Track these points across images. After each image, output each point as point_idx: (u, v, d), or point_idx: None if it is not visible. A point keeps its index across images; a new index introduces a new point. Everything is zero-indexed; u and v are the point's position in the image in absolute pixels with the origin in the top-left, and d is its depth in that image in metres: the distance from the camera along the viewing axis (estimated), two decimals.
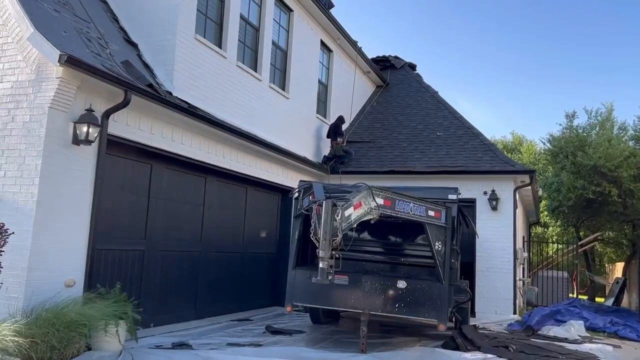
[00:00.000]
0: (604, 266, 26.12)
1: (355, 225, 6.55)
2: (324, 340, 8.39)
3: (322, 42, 13.95)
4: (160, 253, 8.51)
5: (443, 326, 7.57)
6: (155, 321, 8.19)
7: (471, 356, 7.45)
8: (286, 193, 11.52)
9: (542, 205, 21.43)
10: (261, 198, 11.51)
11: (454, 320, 9.21)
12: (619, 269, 19.94)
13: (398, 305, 7.64)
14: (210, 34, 9.64)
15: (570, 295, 16.90)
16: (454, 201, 8.56)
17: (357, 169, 13.40)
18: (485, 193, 12.38)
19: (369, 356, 7.23)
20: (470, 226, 10.46)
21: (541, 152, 25.42)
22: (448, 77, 65.89)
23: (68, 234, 6.52)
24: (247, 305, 10.80)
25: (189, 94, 8.79)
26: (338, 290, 7.77)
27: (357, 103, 16.16)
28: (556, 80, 61.76)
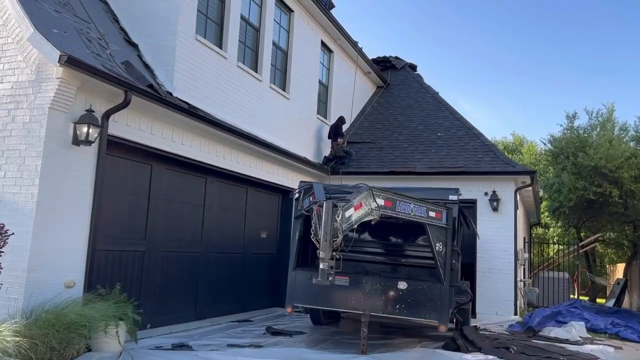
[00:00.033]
0: (605, 267, 26.09)
1: (355, 226, 6.54)
2: (325, 341, 8.38)
3: (323, 43, 13.95)
4: (160, 254, 8.50)
5: (444, 327, 7.57)
6: (155, 322, 8.18)
7: (472, 357, 7.44)
8: (287, 194, 11.51)
9: (543, 206, 21.42)
10: (261, 199, 11.50)
11: (455, 321, 9.19)
12: (620, 270, 19.91)
13: (399, 306, 7.63)
14: (210, 35, 9.63)
15: (571, 296, 16.87)
16: (455, 202, 8.54)
17: (358, 170, 13.38)
18: (486, 194, 12.36)
19: (370, 357, 7.22)
20: (471, 227, 10.44)
21: (542, 153, 25.41)
22: (448, 78, 65.97)
23: (68, 235, 6.51)
24: (248, 306, 10.79)
25: (190, 95, 8.78)
26: (338, 291, 7.75)
27: (358, 104, 16.15)
28: (557, 80, 61.82)
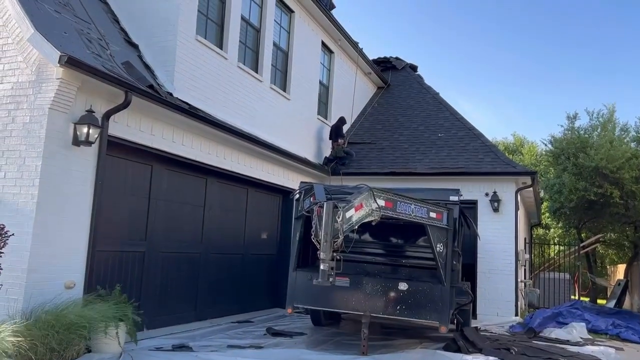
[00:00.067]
0: (606, 268, 26.07)
1: (356, 227, 6.52)
2: (325, 342, 8.37)
3: (323, 43, 13.94)
4: (160, 254, 8.48)
5: (444, 328, 7.55)
6: (155, 323, 8.17)
7: (473, 358, 7.43)
8: (287, 194, 11.49)
9: (544, 206, 21.40)
10: (262, 199, 11.48)
11: (456, 322, 9.17)
12: (621, 271, 19.90)
13: (399, 307, 7.61)
14: (211, 35, 9.62)
15: (571, 297, 16.85)
16: (456, 203, 8.52)
17: (358, 171, 13.37)
18: (486, 195, 12.35)
19: (370, 358, 7.21)
20: (471, 228, 10.43)
21: (543, 154, 25.41)
22: (448, 78, 65.95)
23: (68, 236, 6.50)
24: (248, 306, 10.77)
25: (190, 95, 8.77)
26: (339, 292, 7.74)
27: (358, 104, 16.14)
28: (557, 81, 61.78)
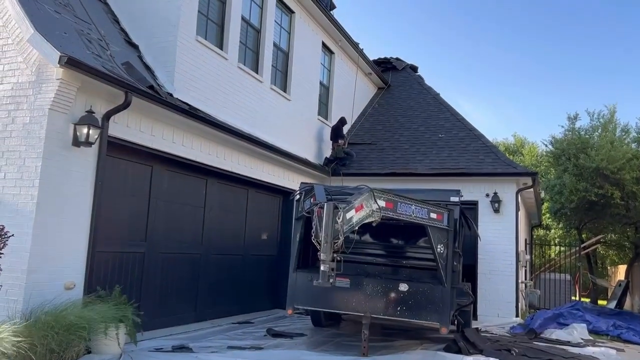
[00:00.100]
0: (606, 269, 26.05)
1: (356, 227, 6.51)
2: (326, 343, 8.35)
3: (324, 44, 13.93)
4: (160, 255, 8.47)
5: (445, 329, 7.54)
6: (155, 324, 8.14)
7: (473, 359, 7.41)
8: (287, 195, 11.49)
9: (544, 207, 21.37)
10: (262, 200, 11.47)
11: (456, 323, 9.15)
12: (622, 272, 19.87)
13: (400, 308, 7.59)
14: (211, 36, 9.61)
15: (572, 298, 16.83)
16: (456, 203, 8.51)
17: (359, 171, 13.36)
18: (487, 195, 12.32)
19: (371, 359, 7.19)
20: (472, 228, 10.41)
21: (543, 154, 25.37)
22: (449, 78, 65.98)
23: (68, 236, 6.49)
24: (248, 307, 10.76)
25: (190, 96, 8.76)
26: (339, 293, 7.72)
27: (359, 105, 16.13)
28: (557, 82, 61.81)
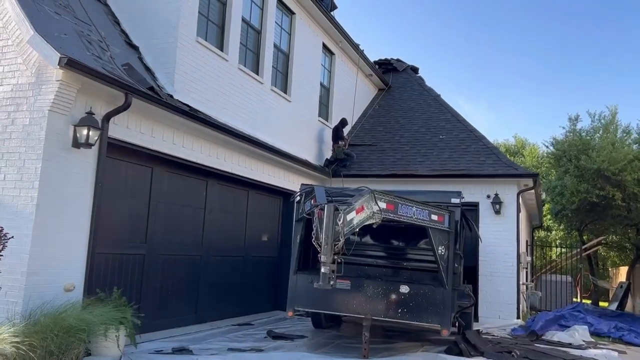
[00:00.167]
0: (608, 270, 26.01)
1: (357, 229, 6.48)
2: (326, 345, 8.33)
3: (324, 45, 13.92)
4: (160, 257, 8.45)
5: (446, 331, 7.51)
6: (155, 326, 8.13)
7: None
8: (288, 196, 11.46)
9: (545, 208, 21.34)
10: (263, 201, 11.45)
11: (457, 325, 9.12)
12: (623, 273, 19.84)
13: (401, 310, 7.57)
14: (211, 37, 9.60)
15: (573, 299, 16.80)
16: (457, 205, 8.48)
17: (359, 173, 13.33)
18: (488, 197, 12.29)
19: None
20: (473, 230, 10.38)
21: (544, 156, 25.34)
22: (449, 79, 65.98)
23: (68, 238, 6.47)
24: (248, 309, 10.74)
25: (190, 97, 8.75)
26: (340, 295, 7.70)
27: (359, 106, 16.11)
28: (557, 84, 61.78)
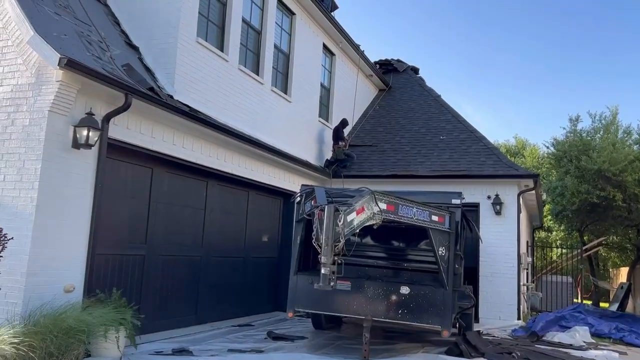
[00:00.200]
0: (608, 271, 25.98)
1: (357, 230, 6.47)
2: (326, 346, 8.31)
3: (325, 46, 13.91)
4: (160, 258, 8.44)
5: (447, 332, 7.49)
6: (155, 326, 8.11)
7: None
8: (288, 197, 11.45)
9: (546, 209, 21.33)
10: (263, 202, 11.44)
11: (458, 326, 9.11)
12: (623, 274, 19.81)
13: (401, 311, 7.55)
14: (212, 37, 9.59)
15: (574, 300, 16.78)
16: (458, 206, 8.46)
17: (360, 173, 13.31)
18: (489, 197, 12.28)
19: None
20: (473, 231, 10.37)
21: (545, 156, 25.33)
22: (449, 79, 65.90)
23: (68, 239, 6.46)
24: (249, 310, 10.72)
25: (190, 98, 8.74)
26: (340, 296, 7.68)
27: (360, 106, 16.10)
28: (558, 84, 61.73)
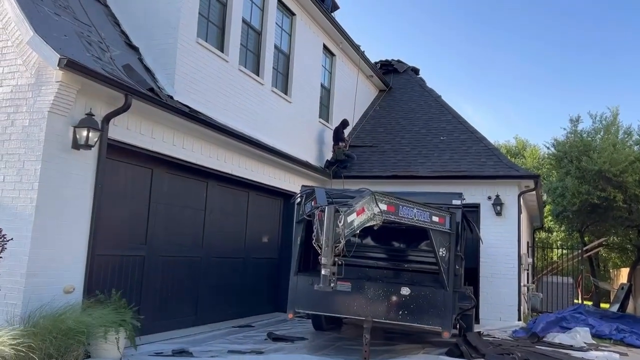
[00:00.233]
0: (609, 271, 25.96)
1: (358, 231, 6.46)
2: (327, 347, 8.30)
3: (325, 46, 13.90)
4: (160, 258, 8.43)
5: (447, 333, 7.47)
6: (155, 327, 8.10)
7: None
8: (288, 198, 11.44)
9: (547, 210, 21.30)
10: (263, 203, 11.43)
11: (458, 327, 9.10)
12: (624, 275, 19.80)
13: (401, 312, 7.54)
14: (212, 38, 9.58)
15: (575, 301, 16.76)
16: (458, 206, 8.45)
17: (360, 174, 13.30)
18: (489, 198, 12.27)
19: None
20: (474, 232, 10.35)
21: (545, 157, 25.31)
22: (449, 80, 65.91)
23: (67, 240, 6.45)
24: (249, 311, 10.71)
25: (191, 98, 8.73)
26: (340, 297, 7.66)
27: (360, 107, 16.09)
28: (558, 84, 61.76)
